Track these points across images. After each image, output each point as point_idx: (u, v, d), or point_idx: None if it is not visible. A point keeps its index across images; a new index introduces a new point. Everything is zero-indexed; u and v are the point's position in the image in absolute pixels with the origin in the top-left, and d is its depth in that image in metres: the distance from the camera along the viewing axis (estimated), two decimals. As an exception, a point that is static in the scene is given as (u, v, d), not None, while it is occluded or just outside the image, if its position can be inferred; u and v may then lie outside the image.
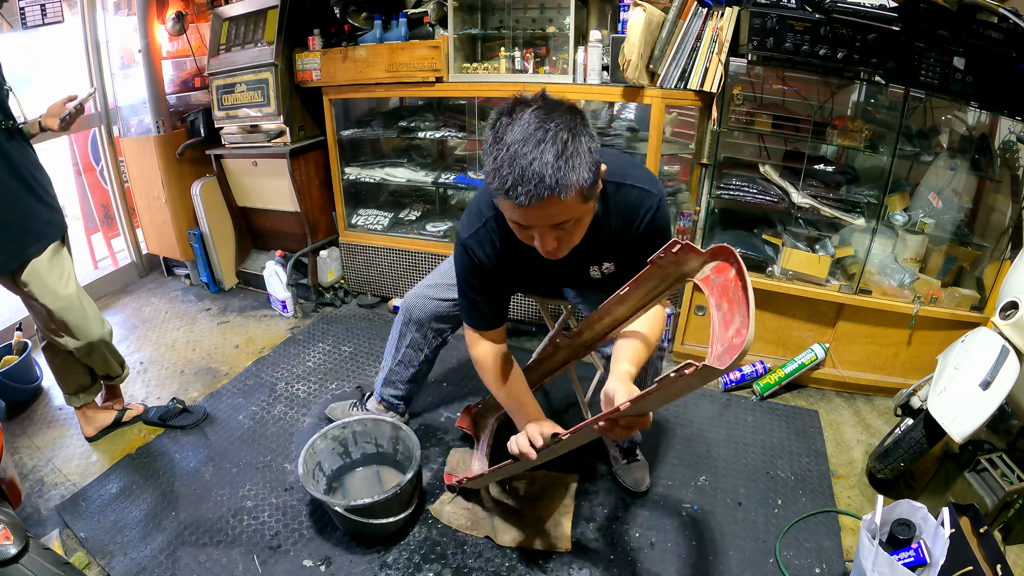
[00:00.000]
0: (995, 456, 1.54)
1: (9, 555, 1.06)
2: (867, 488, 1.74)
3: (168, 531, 1.60)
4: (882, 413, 2.07)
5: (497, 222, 1.25)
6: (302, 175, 2.71)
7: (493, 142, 1.00)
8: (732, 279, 0.84)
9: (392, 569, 1.48)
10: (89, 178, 3.21)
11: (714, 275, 0.90)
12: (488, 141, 1.01)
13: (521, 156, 0.95)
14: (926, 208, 2.04)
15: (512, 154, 0.95)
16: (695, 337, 2.30)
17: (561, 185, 0.95)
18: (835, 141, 2.01)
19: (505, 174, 0.96)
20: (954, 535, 1.18)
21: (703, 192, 2.16)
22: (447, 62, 2.32)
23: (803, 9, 1.79)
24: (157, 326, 2.75)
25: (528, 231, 1.08)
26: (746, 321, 0.77)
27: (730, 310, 0.82)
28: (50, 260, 1.67)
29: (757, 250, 2.16)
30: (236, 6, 2.65)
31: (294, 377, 2.29)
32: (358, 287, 2.94)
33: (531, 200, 0.95)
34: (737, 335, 0.78)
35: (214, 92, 2.71)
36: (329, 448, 1.69)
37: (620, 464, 1.73)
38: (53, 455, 1.91)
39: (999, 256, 1.96)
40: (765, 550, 1.53)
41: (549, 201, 0.96)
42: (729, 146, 2.22)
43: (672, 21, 1.96)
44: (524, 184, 0.95)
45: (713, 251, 0.90)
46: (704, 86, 1.98)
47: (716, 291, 0.87)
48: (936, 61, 1.75)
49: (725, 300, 0.84)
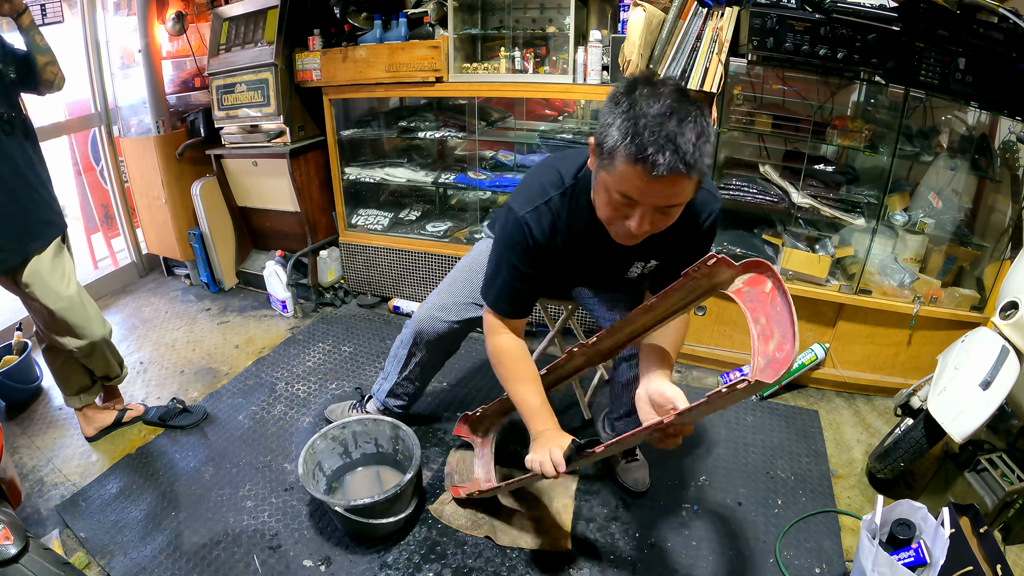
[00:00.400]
0: (995, 456, 1.54)
1: (9, 555, 1.06)
2: (867, 488, 1.74)
3: (168, 531, 1.60)
4: (882, 413, 2.07)
5: (564, 201, 1.21)
6: (302, 175, 2.71)
7: (629, 107, 0.96)
8: (769, 292, 0.86)
9: (392, 569, 1.48)
10: (89, 178, 3.21)
11: (748, 287, 0.90)
12: (622, 107, 0.97)
13: (667, 127, 0.93)
14: (926, 208, 2.04)
15: (658, 123, 0.93)
16: (695, 337, 2.30)
17: (697, 165, 0.95)
18: (835, 141, 2.01)
19: (647, 140, 0.93)
20: (954, 535, 1.18)
21: (703, 192, 2.16)
22: (447, 62, 2.32)
23: (803, 9, 1.79)
24: (157, 326, 2.75)
25: (629, 209, 1.04)
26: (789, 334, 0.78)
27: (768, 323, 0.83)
28: (52, 260, 1.67)
29: (757, 250, 2.16)
30: (236, 6, 2.65)
31: (294, 377, 2.29)
32: (358, 287, 2.94)
33: (668, 171, 0.93)
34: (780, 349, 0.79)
35: (214, 92, 2.71)
36: (329, 448, 1.69)
37: (620, 464, 1.72)
38: (53, 455, 1.91)
39: (999, 256, 1.96)
40: (765, 550, 1.53)
41: (679, 178, 0.95)
42: (729, 146, 2.22)
43: (672, 21, 1.96)
44: (665, 154, 0.92)
45: (747, 264, 0.91)
46: (704, 86, 1.98)
47: (752, 304, 0.87)
48: (936, 61, 1.75)
49: (762, 313, 0.85)
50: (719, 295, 0.98)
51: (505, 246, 1.25)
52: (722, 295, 0.97)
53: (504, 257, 1.26)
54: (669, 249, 1.29)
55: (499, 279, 1.28)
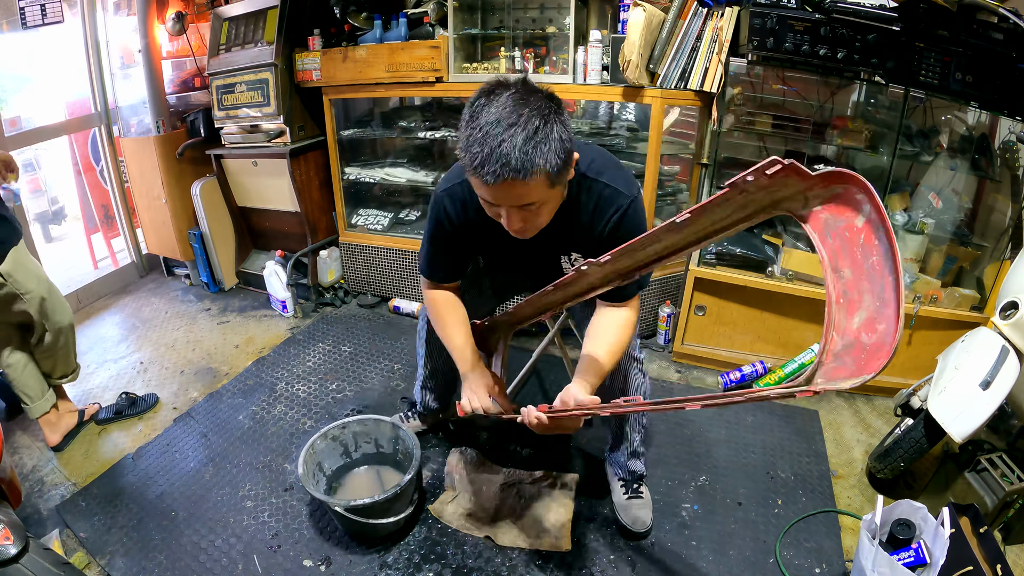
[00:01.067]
0: (995, 456, 1.53)
1: (9, 555, 1.06)
2: (867, 488, 1.74)
3: (168, 531, 1.60)
4: (882, 413, 2.07)
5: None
6: (302, 175, 2.71)
7: (469, 119, 1.03)
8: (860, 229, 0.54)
9: (392, 569, 1.48)
10: (89, 178, 3.21)
11: (829, 215, 0.59)
12: (465, 118, 1.04)
13: (492, 137, 0.98)
14: (926, 208, 2.04)
15: (484, 134, 0.99)
16: (695, 337, 2.30)
17: (526, 168, 0.99)
18: (835, 141, 2.01)
19: (475, 152, 1.00)
20: (954, 535, 1.18)
21: (703, 192, 2.16)
22: (447, 62, 2.32)
23: (803, 9, 1.79)
24: (157, 326, 2.75)
25: (496, 208, 1.11)
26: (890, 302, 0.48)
27: (856, 280, 0.53)
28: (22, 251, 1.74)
29: (757, 250, 2.16)
30: (236, 6, 2.65)
31: (294, 377, 2.29)
32: (358, 287, 2.94)
33: (497, 180, 0.99)
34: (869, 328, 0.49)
35: (214, 92, 2.71)
36: (329, 448, 1.69)
37: (620, 498, 1.62)
38: (53, 455, 1.91)
39: (999, 256, 1.96)
40: (765, 550, 1.53)
41: (514, 182, 1.00)
42: (729, 146, 2.22)
43: (672, 21, 1.96)
44: (491, 164, 0.98)
45: (828, 176, 0.59)
46: (704, 86, 1.98)
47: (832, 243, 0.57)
48: (936, 61, 1.75)
49: (848, 262, 0.55)
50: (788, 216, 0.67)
51: (429, 218, 1.37)
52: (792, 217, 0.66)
53: (427, 227, 1.38)
54: (585, 245, 1.30)
55: (423, 248, 1.42)
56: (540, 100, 1.02)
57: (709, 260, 2.16)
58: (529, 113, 0.99)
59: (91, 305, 2.94)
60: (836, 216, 0.58)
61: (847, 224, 0.56)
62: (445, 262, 1.41)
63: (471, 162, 1.01)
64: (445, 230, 1.34)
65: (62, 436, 1.93)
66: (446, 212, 1.31)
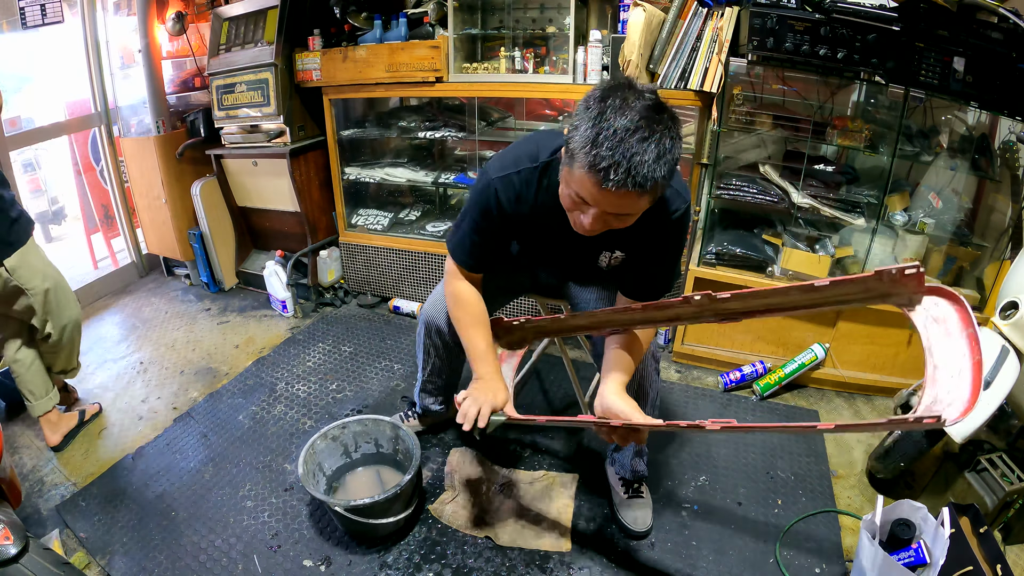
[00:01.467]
0: (995, 456, 1.53)
1: (9, 555, 1.06)
2: (867, 488, 1.74)
3: (168, 531, 1.60)
4: (882, 413, 2.07)
5: (534, 176, 1.24)
6: (302, 175, 2.71)
7: (598, 116, 0.97)
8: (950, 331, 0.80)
9: (392, 569, 1.48)
10: (89, 178, 3.21)
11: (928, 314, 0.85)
12: (592, 112, 0.98)
13: (627, 144, 0.94)
14: (926, 208, 2.04)
15: (619, 139, 0.95)
16: (695, 337, 2.30)
17: (648, 184, 0.97)
18: (835, 141, 2.01)
19: (604, 154, 0.95)
20: (954, 535, 1.18)
21: (703, 192, 2.16)
22: (447, 62, 2.32)
23: (803, 9, 1.79)
24: (157, 326, 2.75)
25: (584, 207, 1.06)
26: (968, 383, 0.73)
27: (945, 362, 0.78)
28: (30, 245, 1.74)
29: (757, 250, 2.16)
30: (236, 6, 2.65)
31: (294, 377, 2.29)
32: (358, 287, 2.94)
33: (618, 187, 0.96)
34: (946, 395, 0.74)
35: (214, 92, 2.71)
36: (329, 448, 1.69)
37: (621, 498, 1.62)
38: (53, 455, 1.91)
39: (999, 256, 1.96)
40: (765, 550, 1.53)
41: (630, 194, 0.98)
42: (729, 146, 2.22)
43: (672, 21, 1.96)
44: (618, 172, 0.95)
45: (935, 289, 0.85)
46: (704, 86, 1.98)
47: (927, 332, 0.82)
48: (936, 61, 1.75)
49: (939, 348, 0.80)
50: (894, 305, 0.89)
51: (473, 202, 1.31)
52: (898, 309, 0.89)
53: (470, 212, 1.32)
54: (633, 243, 1.30)
55: (461, 230, 1.35)
56: (669, 118, 0.99)
57: (709, 260, 2.16)
58: (662, 130, 0.97)
59: (91, 305, 2.94)
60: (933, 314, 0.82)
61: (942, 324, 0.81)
62: (482, 250, 1.36)
63: (595, 162, 0.96)
64: (492, 217, 1.29)
65: (62, 436, 1.94)
66: (498, 200, 1.26)
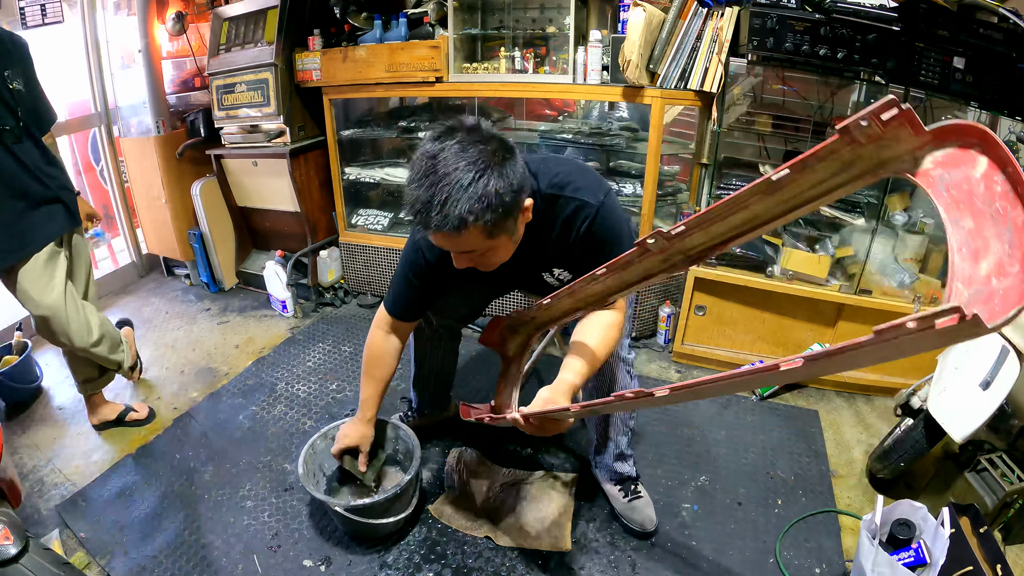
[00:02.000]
0: (995, 456, 1.53)
1: (9, 555, 1.06)
2: (867, 488, 1.74)
3: (168, 531, 1.60)
4: (882, 413, 2.07)
5: None
6: (302, 175, 2.71)
7: (411, 163, 1.04)
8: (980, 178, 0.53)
9: (392, 569, 1.48)
10: (89, 178, 3.21)
11: (944, 170, 0.57)
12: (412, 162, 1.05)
13: (417, 196, 1.00)
14: (926, 208, 2.04)
15: (413, 191, 1.01)
16: (695, 337, 2.30)
17: (450, 223, 0.99)
18: (835, 141, 2.01)
19: (411, 199, 1.02)
20: (954, 535, 1.18)
21: (703, 192, 2.16)
22: (447, 62, 2.32)
23: (803, 9, 1.79)
24: (157, 326, 2.75)
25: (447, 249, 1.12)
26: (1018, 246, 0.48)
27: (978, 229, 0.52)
28: (43, 265, 1.67)
29: (757, 250, 2.16)
30: (236, 6, 2.65)
31: (294, 377, 2.29)
32: (358, 287, 2.94)
33: (431, 230, 1.02)
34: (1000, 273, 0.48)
35: (214, 92, 2.71)
36: (329, 448, 1.68)
37: (622, 503, 1.60)
38: (53, 455, 1.91)
39: (999, 256, 1.96)
40: (765, 550, 1.53)
41: (445, 234, 1.02)
42: (729, 146, 2.22)
43: (672, 21, 1.96)
44: (420, 215, 1.01)
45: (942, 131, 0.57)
46: (704, 86, 1.98)
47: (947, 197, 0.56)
48: (936, 61, 1.75)
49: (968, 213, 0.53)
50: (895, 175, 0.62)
51: (404, 260, 1.39)
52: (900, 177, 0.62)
53: (402, 269, 1.39)
54: (564, 259, 1.32)
55: (394, 286, 1.43)
56: (479, 151, 0.99)
57: (709, 260, 2.16)
58: (465, 166, 0.98)
59: (91, 305, 2.94)
60: (951, 171, 0.55)
61: (964, 177, 0.54)
62: (414, 300, 1.42)
63: (409, 208, 1.03)
64: (421, 274, 1.35)
65: (99, 421, 2.00)
66: (424, 256, 1.32)
